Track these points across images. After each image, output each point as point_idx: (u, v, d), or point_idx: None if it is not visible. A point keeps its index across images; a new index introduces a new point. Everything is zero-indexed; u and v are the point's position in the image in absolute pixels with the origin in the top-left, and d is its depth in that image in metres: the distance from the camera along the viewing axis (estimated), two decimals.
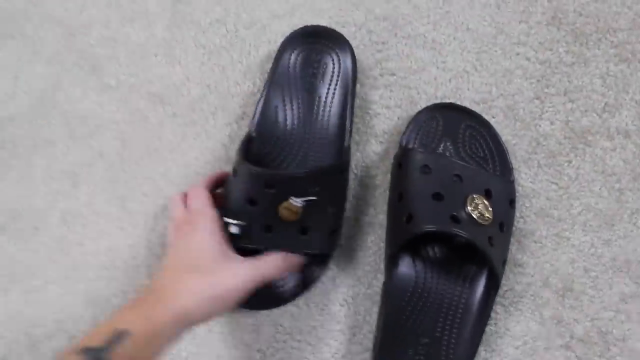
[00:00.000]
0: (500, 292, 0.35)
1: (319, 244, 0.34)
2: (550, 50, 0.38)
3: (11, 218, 0.41)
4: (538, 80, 0.38)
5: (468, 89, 0.38)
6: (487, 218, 0.31)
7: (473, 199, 0.31)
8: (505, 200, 0.34)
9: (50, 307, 0.40)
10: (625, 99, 0.37)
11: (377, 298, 0.36)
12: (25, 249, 0.41)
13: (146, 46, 0.42)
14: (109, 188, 0.41)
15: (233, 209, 0.33)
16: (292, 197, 0.31)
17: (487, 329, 0.35)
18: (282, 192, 0.32)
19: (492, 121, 0.37)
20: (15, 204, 0.41)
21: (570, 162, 0.37)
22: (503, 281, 0.35)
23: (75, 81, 0.42)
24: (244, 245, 0.33)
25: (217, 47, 0.41)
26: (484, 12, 0.40)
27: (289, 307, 0.37)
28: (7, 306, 0.40)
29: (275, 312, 0.37)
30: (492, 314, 0.35)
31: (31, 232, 0.41)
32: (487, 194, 0.33)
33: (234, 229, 0.32)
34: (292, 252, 0.33)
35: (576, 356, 0.35)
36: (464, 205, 0.31)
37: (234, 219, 0.32)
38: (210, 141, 0.40)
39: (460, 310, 0.33)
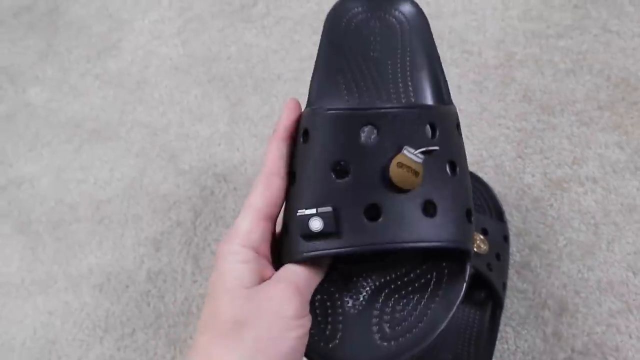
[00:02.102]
0: (508, 314, 0.43)
1: (454, 230, 0.22)
2: (525, 120, 0.49)
3: (106, 279, 0.52)
4: (518, 144, 0.48)
5: None
6: (484, 249, 0.40)
7: None
8: (499, 236, 0.43)
9: (138, 351, 0.48)
10: (590, 153, 0.47)
11: None
12: (118, 303, 0.51)
13: (212, 138, 0.55)
14: (184, 250, 0.51)
15: (309, 189, 0.22)
16: (407, 147, 0.21)
17: (501, 347, 0.42)
18: (390, 139, 0.22)
19: (484, 177, 0.47)
20: (110, 267, 0.52)
21: (551, 205, 0.46)
22: (509, 306, 0.43)
23: (157, 169, 0.55)
24: (326, 254, 0.22)
25: (267, 136, 0.53)
26: (470, 95, 0.51)
27: None
28: (102, 352, 0.49)
29: None
30: (504, 334, 0.42)
31: (123, 289, 0.51)
32: (484, 232, 0.42)
33: (315, 224, 0.21)
34: (413, 247, 0.21)
35: None
36: None
37: (311, 205, 0.21)
38: None
39: (475, 329, 0.41)
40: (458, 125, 0.26)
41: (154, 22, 0.62)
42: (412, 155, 0.22)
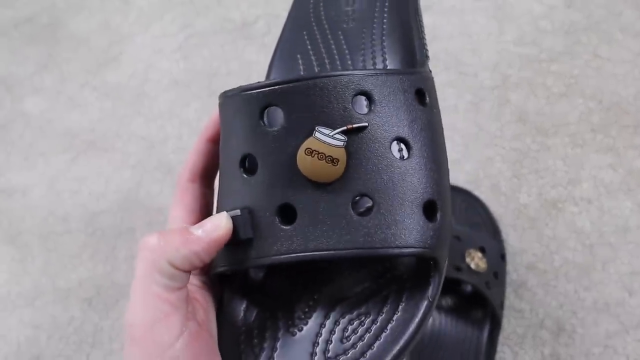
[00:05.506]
0: (506, 334, 0.42)
1: (395, 230, 0.18)
2: (520, 141, 0.50)
3: (96, 292, 0.50)
4: (513, 164, 0.49)
5: (461, 174, 0.49)
6: (482, 268, 0.40)
7: (470, 253, 0.40)
8: (497, 254, 0.43)
9: None
10: (583, 174, 0.48)
11: None
12: (107, 317, 0.49)
13: None
14: None
15: (223, 190, 0.20)
16: (320, 128, 0.18)
17: None
18: (301, 120, 0.18)
19: (481, 197, 0.48)
20: (101, 281, 0.51)
21: (547, 224, 0.46)
22: (506, 325, 0.43)
23: (154, 181, 0.54)
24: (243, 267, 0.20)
25: None
26: (466, 115, 0.52)
27: None
28: None
29: None
30: (502, 355, 0.42)
31: (113, 303, 0.50)
32: (482, 250, 0.42)
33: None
34: (342, 255, 0.18)
35: None
36: (463, 258, 0.40)
37: (227, 207, 0.19)
38: None
39: (473, 348, 0.40)
40: (420, 92, 0.21)
41: (156, 37, 0.62)
42: (326, 137, 0.18)
